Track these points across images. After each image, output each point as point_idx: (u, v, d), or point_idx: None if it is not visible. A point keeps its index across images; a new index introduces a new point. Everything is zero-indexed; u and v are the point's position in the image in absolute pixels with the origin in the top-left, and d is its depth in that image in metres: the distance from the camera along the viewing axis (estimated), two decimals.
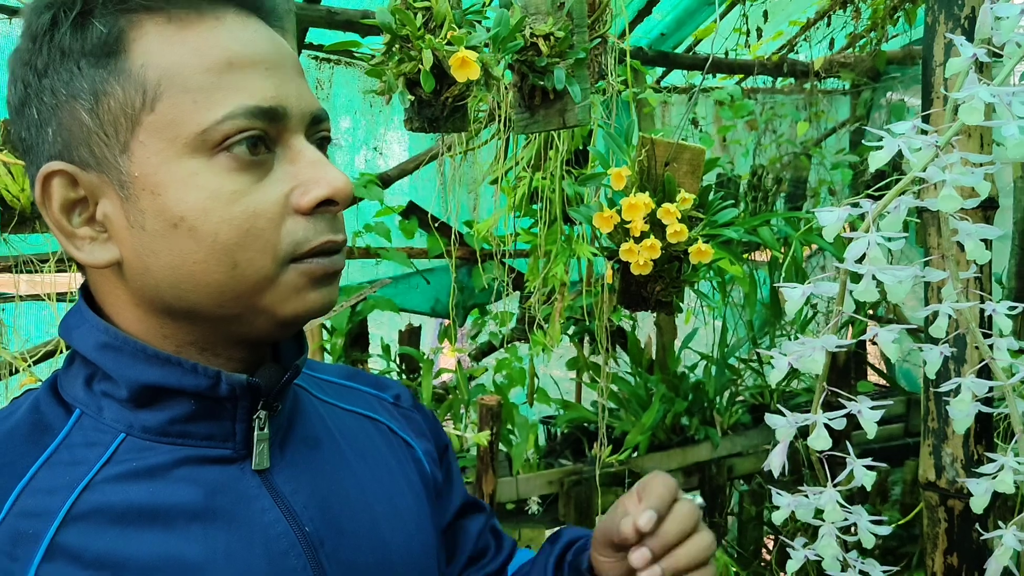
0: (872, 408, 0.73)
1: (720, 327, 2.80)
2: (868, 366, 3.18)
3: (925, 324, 0.81)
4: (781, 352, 0.72)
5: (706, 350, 2.83)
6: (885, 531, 0.77)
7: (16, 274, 1.57)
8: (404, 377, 2.51)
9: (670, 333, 2.76)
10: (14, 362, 1.45)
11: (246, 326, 0.62)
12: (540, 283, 1.71)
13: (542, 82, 1.00)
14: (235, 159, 0.58)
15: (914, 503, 2.28)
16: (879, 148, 0.70)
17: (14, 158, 1.45)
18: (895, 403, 2.95)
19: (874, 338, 0.70)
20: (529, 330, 1.80)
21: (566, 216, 1.68)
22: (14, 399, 0.66)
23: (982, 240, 0.73)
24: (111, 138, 0.58)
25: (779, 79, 3.29)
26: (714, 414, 2.57)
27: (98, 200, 0.59)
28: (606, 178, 1.32)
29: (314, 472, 0.68)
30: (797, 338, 0.73)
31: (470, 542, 0.86)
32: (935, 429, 0.95)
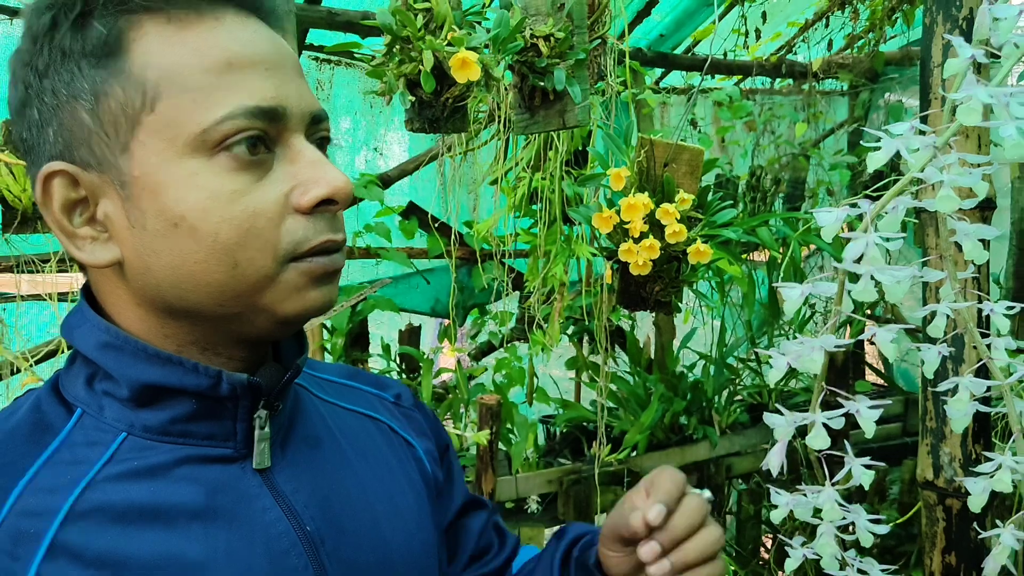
0: (870, 407, 0.73)
1: (719, 327, 2.80)
2: (866, 366, 3.18)
3: (923, 324, 0.81)
4: (780, 352, 0.72)
5: (705, 350, 2.83)
6: (883, 530, 0.77)
7: (18, 274, 1.57)
8: (404, 377, 2.51)
9: (669, 333, 2.76)
10: (16, 362, 1.45)
11: (247, 325, 0.62)
12: (540, 283, 1.71)
13: (542, 83, 1.00)
14: (235, 159, 0.58)
15: (912, 502, 2.28)
16: (877, 149, 0.71)
17: (15, 158, 1.45)
18: (893, 403, 2.95)
19: (872, 338, 0.71)
20: (528, 330, 1.81)
21: (565, 216, 1.68)
22: (16, 398, 0.67)
23: (980, 240, 0.73)
24: (111, 138, 0.58)
25: (777, 80, 3.29)
26: (712, 413, 2.56)
27: (99, 200, 0.60)
28: (605, 178, 1.32)
29: (315, 471, 0.68)
30: (795, 338, 0.73)
31: (472, 539, 0.86)
32: (933, 428, 0.96)
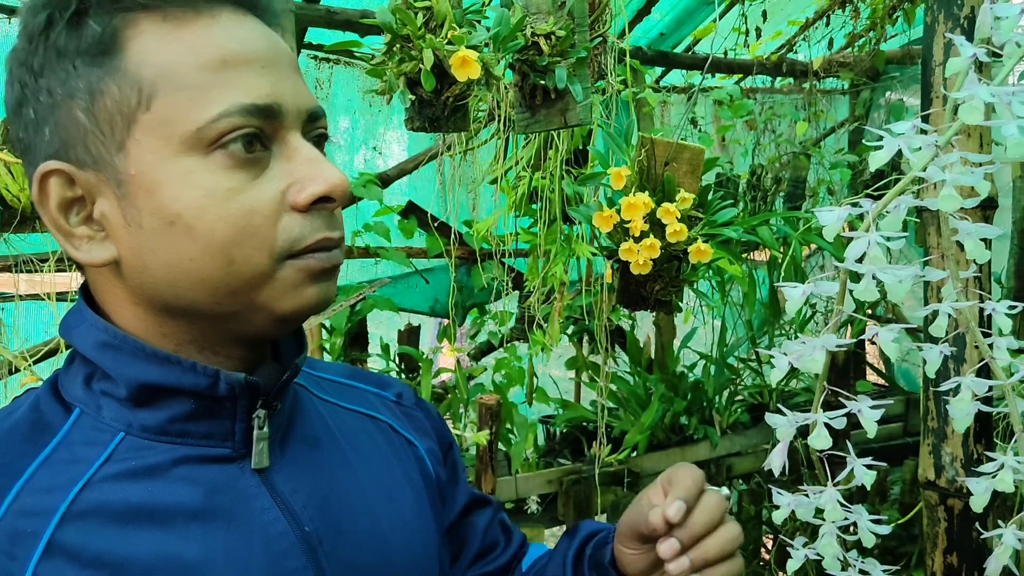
0: (872, 407, 0.73)
1: (719, 327, 2.80)
2: (867, 366, 3.18)
3: (925, 324, 0.81)
4: (781, 351, 0.72)
5: (705, 350, 2.82)
6: (885, 530, 0.77)
7: (16, 273, 1.57)
8: (403, 376, 2.51)
9: (669, 333, 2.76)
10: (14, 361, 1.45)
11: (244, 323, 0.62)
12: (539, 282, 1.70)
13: (543, 81, 1.00)
14: (231, 157, 0.57)
15: (913, 503, 2.28)
16: (879, 148, 0.71)
17: (14, 157, 1.45)
18: (894, 403, 2.95)
19: (874, 337, 0.70)
20: (528, 329, 1.80)
21: (565, 216, 1.68)
22: (15, 398, 0.66)
23: (982, 239, 0.73)
24: (107, 137, 0.58)
25: (778, 79, 3.29)
26: (713, 413, 2.56)
27: (95, 199, 0.59)
28: (606, 178, 1.32)
29: (314, 471, 0.67)
30: (797, 337, 0.73)
31: (477, 537, 0.86)
32: (935, 428, 0.95)
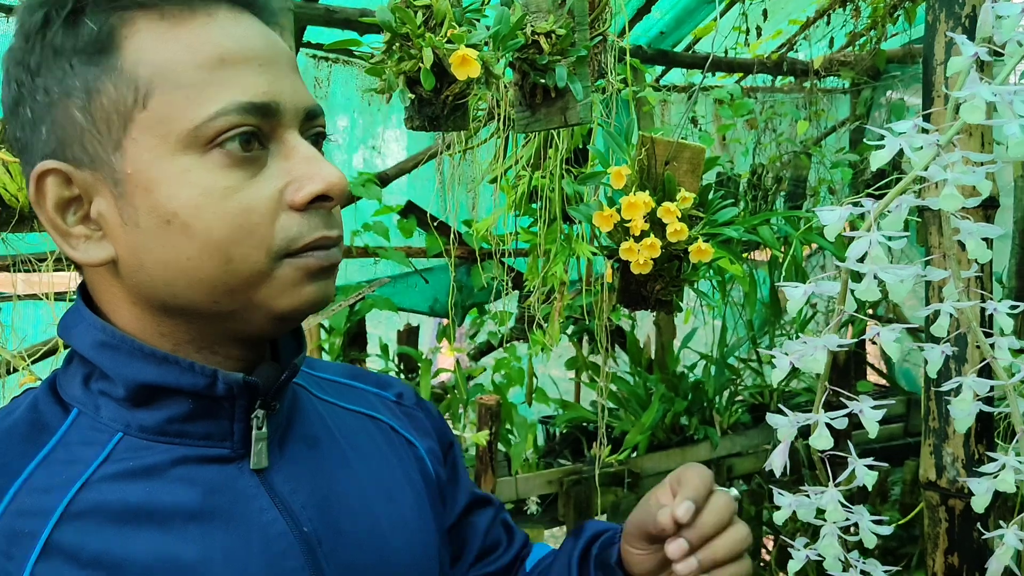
0: (874, 408, 0.72)
1: (720, 327, 2.80)
2: (868, 366, 3.18)
3: (926, 323, 0.80)
4: (783, 351, 0.71)
5: (705, 350, 2.82)
6: (886, 531, 0.77)
7: (14, 273, 1.57)
8: (402, 377, 2.51)
9: (669, 332, 2.76)
10: (13, 361, 1.45)
11: (242, 323, 0.61)
12: (539, 282, 1.70)
13: (543, 80, 1.00)
14: (228, 155, 0.57)
15: (914, 503, 2.28)
16: (880, 147, 0.70)
17: (12, 156, 1.44)
18: (895, 403, 2.95)
19: (875, 337, 0.70)
20: (528, 329, 1.80)
21: (566, 215, 1.67)
22: (14, 398, 0.66)
23: (983, 239, 0.73)
24: (104, 136, 0.58)
25: (779, 78, 3.29)
26: (713, 414, 2.56)
27: (92, 198, 0.59)
28: (606, 177, 1.31)
29: (313, 472, 0.67)
30: (798, 337, 0.72)
31: (479, 537, 0.85)
32: (936, 428, 0.95)
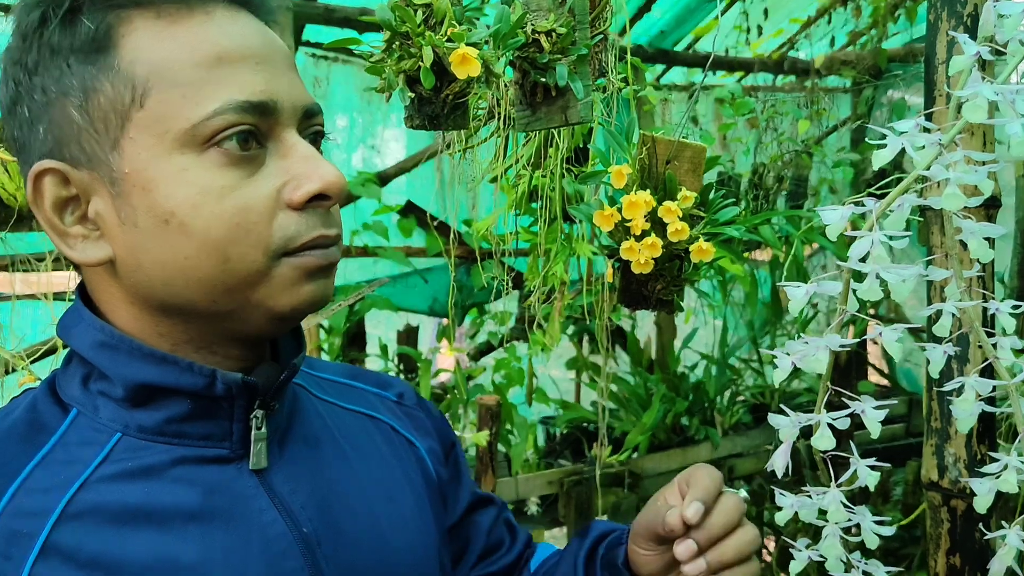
0: (876, 408, 0.72)
1: (720, 327, 2.79)
2: (869, 366, 3.17)
3: (928, 323, 0.80)
4: (785, 351, 0.71)
5: (706, 350, 2.82)
6: (889, 531, 0.76)
7: (12, 273, 1.56)
8: (402, 377, 2.51)
9: (670, 333, 2.75)
10: (13, 361, 1.44)
11: (240, 322, 0.61)
12: (539, 282, 1.70)
13: (544, 79, 0.99)
14: (226, 154, 0.57)
15: (915, 504, 2.27)
16: (882, 146, 0.70)
17: (11, 155, 1.43)
18: (897, 403, 2.94)
19: (877, 337, 0.70)
20: (528, 329, 1.80)
21: (566, 214, 1.67)
22: (13, 398, 0.66)
23: (986, 238, 0.72)
24: (101, 135, 0.57)
25: (780, 77, 3.28)
26: (714, 414, 2.55)
27: (90, 198, 0.59)
28: (606, 176, 1.31)
29: (313, 472, 0.67)
30: (799, 337, 0.72)
31: (482, 536, 0.85)
32: (938, 429, 0.95)
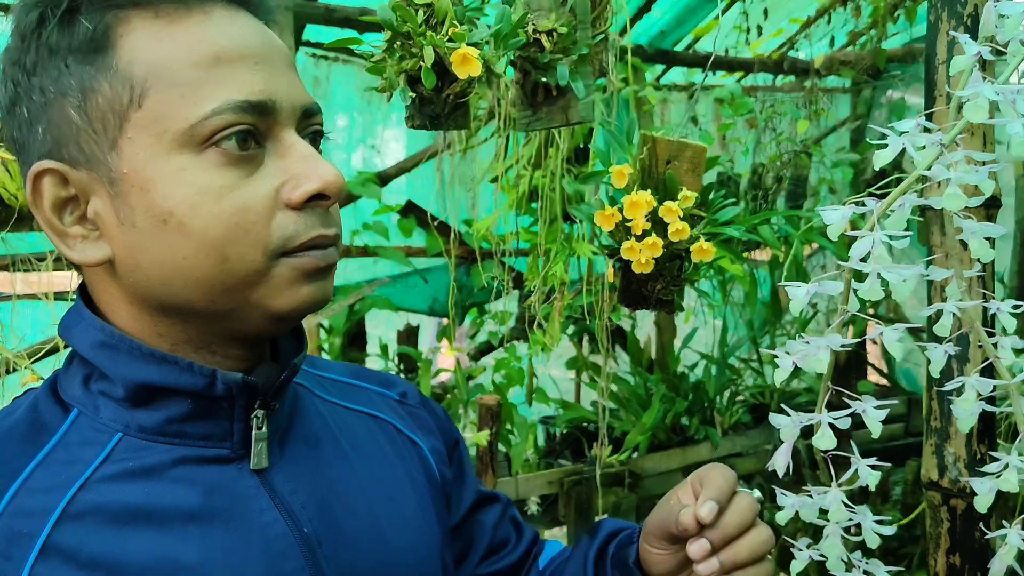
0: (876, 407, 0.72)
1: (720, 326, 2.79)
2: (868, 366, 3.17)
3: (928, 323, 0.80)
4: (786, 351, 0.71)
5: (706, 349, 2.82)
6: (889, 531, 0.76)
7: (13, 272, 1.56)
8: (402, 377, 2.51)
9: (670, 332, 2.75)
10: (15, 360, 1.44)
11: (240, 322, 0.61)
12: (540, 282, 1.70)
13: (545, 79, 1.00)
14: (224, 154, 0.57)
15: (915, 503, 2.27)
16: (883, 146, 0.70)
17: (12, 155, 1.43)
18: (897, 402, 2.95)
19: (878, 337, 0.70)
20: (528, 329, 1.80)
21: (566, 214, 1.67)
22: (15, 398, 0.66)
23: (986, 238, 0.73)
24: (100, 135, 0.57)
25: (779, 77, 3.28)
26: (714, 414, 2.55)
27: (89, 198, 0.59)
28: (607, 176, 1.31)
29: (314, 472, 0.67)
30: (800, 337, 0.72)
31: (487, 534, 0.85)
32: (938, 428, 0.95)
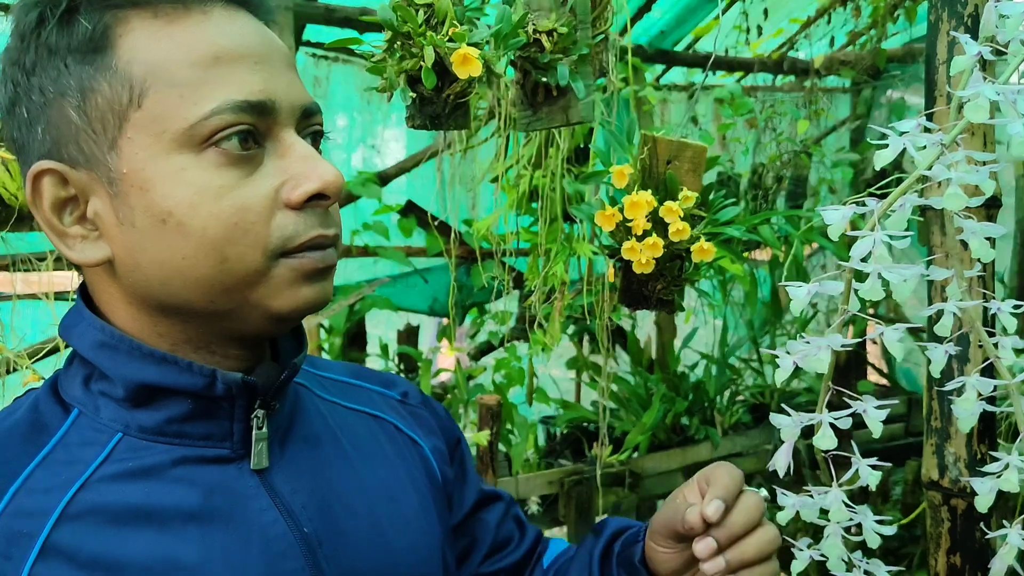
0: (877, 407, 0.72)
1: (720, 326, 2.79)
2: (869, 366, 3.17)
3: (928, 323, 0.80)
4: (786, 351, 0.71)
5: (706, 349, 2.82)
6: (890, 531, 0.76)
7: (13, 272, 1.56)
8: (403, 376, 2.50)
9: (670, 332, 2.75)
10: (15, 360, 1.44)
11: (239, 322, 0.61)
12: (540, 282, 1.70)
13: (545, 79, 1.00)
14: (223, 154, 0.57)
15: (915, 503, 2.27)
16: (883, 146, 0.70)
17: (12, 155, 1.43)
18: (897, 402, 2.94)
19: (879, 337, 0.70)
20: (529, 329, 1.80)
21: (566, 214, 1.67)
22: (16, 398, 0.66)
23: (986, 238, 0.73)
24: (99, 135, 0.57)
25: (779, 77, 3.28)
26: (714, 414, 2.55)
27: (88, 198, 0.59)
28: (607, 176, 1.31)
29: (314, 472, 0.67)
30: (800, 337, 0.72)
31: (490, 533, 0.85)
32: (938, 428, 0.95)
